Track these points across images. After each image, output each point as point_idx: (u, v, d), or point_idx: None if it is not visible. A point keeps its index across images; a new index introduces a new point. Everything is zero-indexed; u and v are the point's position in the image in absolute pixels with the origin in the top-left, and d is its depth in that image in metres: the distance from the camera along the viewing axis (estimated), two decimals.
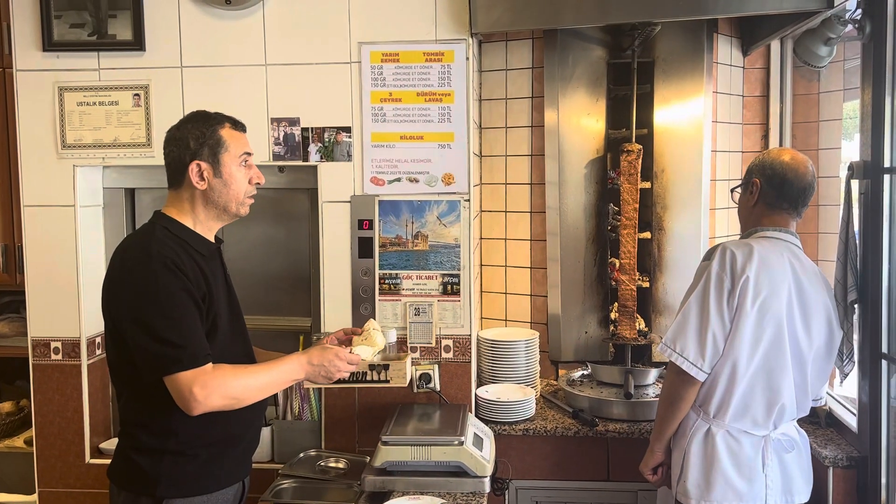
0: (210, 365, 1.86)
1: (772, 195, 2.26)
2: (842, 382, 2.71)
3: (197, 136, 1.96)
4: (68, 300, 2.79)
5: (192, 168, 1.96)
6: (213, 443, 1.97)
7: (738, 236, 2.40)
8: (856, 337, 2.39)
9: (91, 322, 2.82)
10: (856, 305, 2.34)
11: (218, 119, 2.01)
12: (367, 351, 2.14)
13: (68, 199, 2.78)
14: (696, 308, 2.14)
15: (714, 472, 2.15)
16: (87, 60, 2.74)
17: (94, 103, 2.76)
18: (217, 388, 1.82)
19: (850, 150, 3.11)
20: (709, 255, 2.21)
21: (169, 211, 2.02)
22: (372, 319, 2.28)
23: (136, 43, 2.71)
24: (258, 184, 2.06)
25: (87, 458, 2.83)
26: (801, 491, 2.21)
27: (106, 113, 2.76)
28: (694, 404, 2.21)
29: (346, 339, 2.24)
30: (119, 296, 1.89)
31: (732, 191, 2.44)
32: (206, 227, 2.03)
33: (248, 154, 2.05)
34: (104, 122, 2.76)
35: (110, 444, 2.88)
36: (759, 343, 2.11)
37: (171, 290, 1.85)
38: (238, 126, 2.05)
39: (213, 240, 2.07)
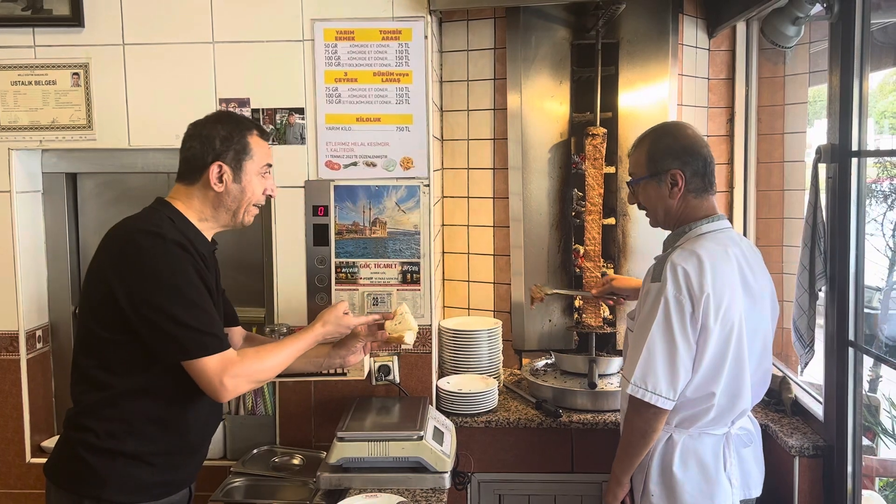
0: (232, 351, 1.85)
1: (698, 181, 2.09)
2: (802, 371, 2.69)
3: (224, 138, 1.93)
4: (5, 291, 2.65)
5: (213, 169, 1.91)
6: (170, 451, 1.92)
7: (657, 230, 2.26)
8: (820, 322, 2.34)
9: (30, 314, 2.70)
10: (820, 292, 2.30)
11: (247, 124, 1.99)
12: (411, 336, 2.17)
13: (4, 184, 2.63)
14: (661, 340, 1.97)
15: (678, 485, 2.05)
16: (21, 37, 2.60)
17: (30, 83, 2.61)
18: (245, 376, 1.84)
19: (813, 135, 3.08)
20: (657, 275, 2.02)
21: (175, 203, 1.95)
22: (404, 304, 2.27)
23: (74, 18, 2.56)
24: (270, 196, 2.04)
25: (28, 458, 2.71)
26: (758, 484, 2.16)
27: (43, 93, 2.61)
28: None
29: (377, 325, 2.22)
30: (130, 276, 1.79)
31: (633, 185, 2.19)
32: (208, 227, 1.99)
33: (270, 165, 2.03)
34: (41, 102, 2.62)
35: (52, 442, 2.72)
36: (726, 357, 2.00)
37: (191, 275, 1.82)
38: (264, 135, 2.03)
39: (210, 240, 2.02)
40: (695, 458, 2.06)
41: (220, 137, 1.92)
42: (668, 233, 2.22)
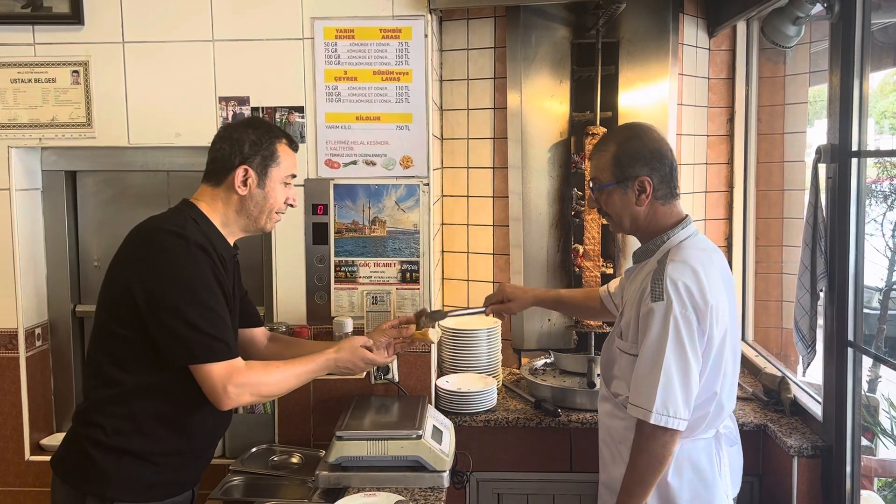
0: (240, 360, 1.86)
1: (665, 187, 2.00)
2: (804, 372, 2.68)
3: (254, 142, 1.94)
4: (4, 289, 2.64)
5: (239, 172, 1.93)
6: (176, 452, 1.92)
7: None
8: (820, 322, 2.34)
9: (29, 312, 2.69)
10: (821, 292, 2.30)
11: (277, 132, 2.01)
12: (436, 335, 2.27)
13: (3, 182, 2.63)
14: (676, 362, 1.89)
15: (675, 495, 2.00)
16: (21, 34, 2.59)
17: (30, 80, 2.61)
18: (250, 386, 1.85)
19: (813, 135, 3.08)
20: (658, 294, 1.91)
21: (199, 204, 1.96)
22: (426, 308, 2.32)
23: (74, 16, 2.56)
24: (291, 205, 2.05)
25: (27, 456, 2.70)
26: (738, 482, 2.15)
27: (42, 91, 2.61)
28: None
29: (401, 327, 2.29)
30: (149, 274, 1.80)
31: (597, 190, 2.06)
32: (230, 231, 1.99)
33: (294, 176, 2.05)
34: (41, 100, 2.61)
35: (52, 439, 2.75)
36: (721, 360, 1.98)
37: (208, 278, 1.83)
38: (293, 145, 2.04)
39: (232, 245, 2.02)
40: (689, 464, 2.02)
41: (249, 142, 1.93)
42: None
